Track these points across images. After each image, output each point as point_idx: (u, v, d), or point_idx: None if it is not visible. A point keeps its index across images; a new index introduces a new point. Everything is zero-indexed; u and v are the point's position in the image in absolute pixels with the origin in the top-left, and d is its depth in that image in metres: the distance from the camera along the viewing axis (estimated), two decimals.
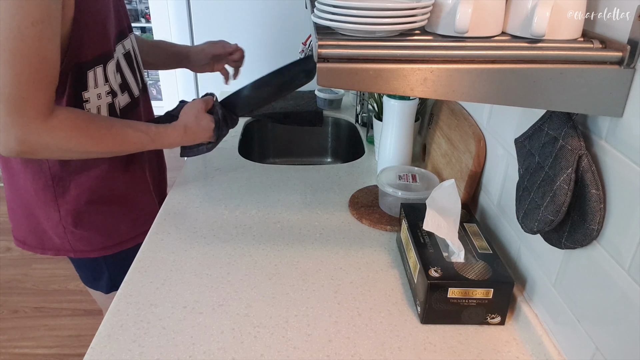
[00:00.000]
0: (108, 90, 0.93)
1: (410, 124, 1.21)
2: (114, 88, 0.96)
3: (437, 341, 0.79)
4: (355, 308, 0.85)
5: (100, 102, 0.92)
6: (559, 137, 0.65)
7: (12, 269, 2.41)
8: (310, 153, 1.80)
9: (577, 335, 0.69)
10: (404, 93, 0.60)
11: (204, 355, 0.75)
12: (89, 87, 0.89)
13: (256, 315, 0.83)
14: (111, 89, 0.94)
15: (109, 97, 0.94)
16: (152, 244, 1.01)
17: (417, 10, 0.60)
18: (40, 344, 1.98)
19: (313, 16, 0.63)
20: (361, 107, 1.64)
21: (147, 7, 2.71)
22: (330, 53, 0.58)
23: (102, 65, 0.90)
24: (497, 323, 0.82)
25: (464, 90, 0.60)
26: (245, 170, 1.32)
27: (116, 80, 0.97)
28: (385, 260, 0.97)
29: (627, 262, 0.59)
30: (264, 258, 0.97)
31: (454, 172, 1.10)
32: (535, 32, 0.58)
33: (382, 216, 1.10)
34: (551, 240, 0.70)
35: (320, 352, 0.76)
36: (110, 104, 0.95)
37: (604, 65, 0.59)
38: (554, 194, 0.64)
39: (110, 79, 0.94)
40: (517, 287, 0.85)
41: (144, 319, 0.81)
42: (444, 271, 0.80)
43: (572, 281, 0.70)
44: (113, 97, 0.95)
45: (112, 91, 0.95)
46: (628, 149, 0.59)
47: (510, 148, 0.88)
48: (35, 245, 1.06)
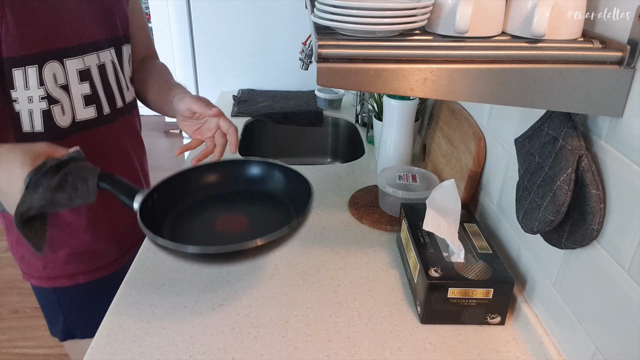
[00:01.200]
0: (43, 95, 0.84)
1: (410, 124, 1.21)
2: (53, 94, 0.85)
3: (437, 341, 0.79)
4: (355, 308, 0.85)
5: (31, 106, 0.84)
6: (559, 137, 0.65)
7: (12, 269, 2.41)
8: (310, 153, 1.80)
9: (577, 335, 0.69)
10: (404, 93, 0.60)
11: (204, 355, 0.75)
12: (17, 87, 0.82)
13: (256, 315, 0.83)
14: (48, 94, 0.85)
15: (43, 103, 0.84)
16: (152, 244, 1.00)
17: (417, 10, 0.60)
18: (40, 344, 1.98)
19: (313, 16, 0.63)
20: (361, 107, 1.64)
21: (147, 7, 2.71)
22: (330, 53, 0.58)
23: (35, 66, 0.82)
24: (497, 323, 0.82)
25: (464, 90, 0.60)
26: None
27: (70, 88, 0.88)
28: (385, 260, 0.97)
29: (627, 262, 0.59)
30: (264, 258, 0.97)
31: (454, 172, 1.10)
32: (535, 32, 0.58)
33: (382, 216, 1.10)
34: (551, 240, 0.70)
35: (320, 352, 0.76)
36: (46, 110, 0.85)
37: (604, 65, 0.59)
38: (554, 194, 0.64)
39: (48, 83, 0.84)
40: (517, 287, 0.85)
41: (143, 319, 0.81)
42: (444, 271, 0.80)
43: (572, 281, 0.70)
44: (50, 104, 0.85)
45: (50, 97, 0.85)
46: (628, 149, 0.59)
47: (510, 148, 0.88)
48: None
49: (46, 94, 0.84)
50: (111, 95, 0.97)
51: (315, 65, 0.59)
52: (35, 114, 0.84)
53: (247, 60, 1.97)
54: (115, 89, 0.97)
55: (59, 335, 1.08)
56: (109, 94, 0.96)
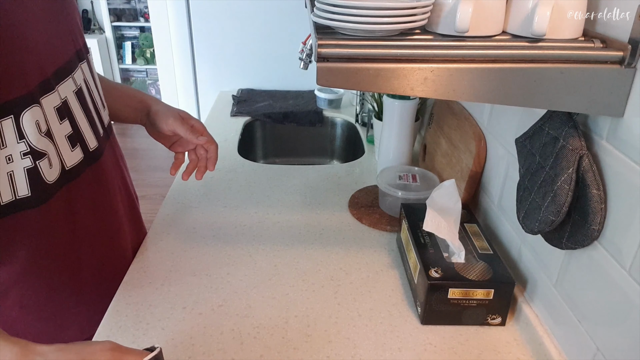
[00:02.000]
0: (25, 150, 0.66)
1: (410, 124, 1.21)
2: (38, 147, 0.68)
3: (437, 342, 0.78)
4: (355, 309, 0.85)
5: (11, 166, 0.65)
6: (559, 137, 0.65)
7: None
8: (310, 153, 1.80)
9: (578, 335, 0.68)
10: (404, 93, 0.60)
11: (204, 355, 0.75)
12: None
13: (256, 315, 0.83)
14: (31, 147, 0.67)
15: (26, 160, 0.67)
16: (152, 244, 1.00)
17: (417, 9, 0.60)
18: None
19: (313, 15, 0.63)
20: (361, 107, 1.64)
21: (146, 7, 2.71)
22: (330, 52, 0.58)
23: (10, 117, 0.64)
24: (498, 324, 0.82)
25: (464, 90, 0.60)
26: (245, 170, 1.32)
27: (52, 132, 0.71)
28: (385, 261, 0.97)
29: (628, 262, 0.59)
30: (264, 258, 0.97)
31: (454, 172, 1.09)
32: (535, 32, 0.58)
33: (382, 216, 1.10)
34: (552, 241, 0.70)
35: (320, 353, 0.76)
36: (31, 168, 0.68)
37: (605, 65, 0.59)
38: (554, 194, 0.64)
39: (30, 135, 0.66)
40: (517, 288, 0.85)
41: (143, 319, 0.81)
42: (444, 272, 0.80)
43: (573, 281, 0.70)
44: (36, 160, 0.68)
45: (34, 151, 0.67)
46: (629, 149, 0.59)
47: (511, 148, 0.88)
48: None
49: (29, 149, 0.67)
50: (94, 124, 0.81)
51: (315, 64, 0.59)
52: (18, 176, 0.67)
53: (246, 59, 1.97)
54: (94, 115, 0.81)
55: None
56: (92, 124, 0.80)
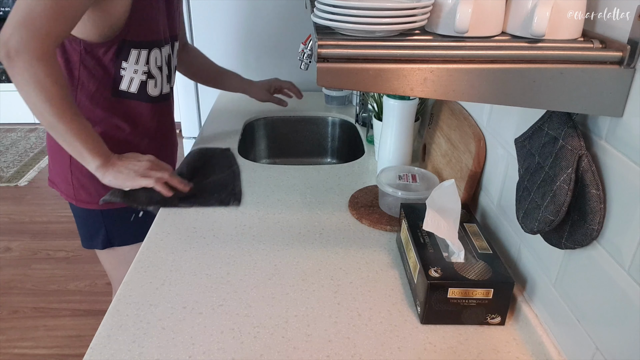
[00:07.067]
0: (145, 70, 1.13)
1: (410, 124, 1.21)
2: (153, 72, 1.15)
3: (437, 341, 0.79)
4: (355, 308, 0.85)
5: (134, 76, 1.12)
6: (559, 137, 0.65)
7: (12, 269, 2.41)
8: (310, 153, 1.80)
9: (577, 335, 0.69)
10: (404, 93, 0.60)
11: (204, 355, 0.75)
12: (130, 61, 1.10)
13: (256, 315, 0.83)
14: (149, 71, 1.14)
15: (143, 76, 1.14)
16: (152, 243, 1.01)
17: (417, 10, 0.60)
18: (40, 344, 1.98)
19: (313, 16, 0.63)
20: (361, 107, 1.64)
21: None
22: (330, 53, 0.58)
23: (147, 50, 1.11)
24: (497, 323, 0.82)
25: (464, 90, 0.60)
26: (245, 170, 1.32)
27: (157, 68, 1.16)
28: (385, 261, 0.97)
29: (627, 262, 0.59)
30: (264, 258, 0.97)
31: (454, 172, 1.10)
32: (535, 32, 0.58)
33: (382, 216, 1.10)
34: (551, 241, 0.70)
35: (320, 352, 0.76)
36: (143, 82, 1.14)
37: (604, 65, 0.59)
38: (554, 194, 0.64)
39: (151, 63, 1.14)
40: (517, 287, 0.85)
41: (143, 319, 0.81)
42: (444, 271, 0.80)
43: (572, 281, 0.70)
44: (148, 78, 1.15)
45: (149, 73, 1.15)
46: (628, 149, 0.59)
47: (511, 148, 0.88)
48: (53, 182, 1.23)
49: (148, 71, 1.14)
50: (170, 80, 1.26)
51: (315, 65, 0.59)
52: (135, 82, 1.14)
53: (246, 59, 1.97)
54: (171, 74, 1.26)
55: (99, 246, 1.26)
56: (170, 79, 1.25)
